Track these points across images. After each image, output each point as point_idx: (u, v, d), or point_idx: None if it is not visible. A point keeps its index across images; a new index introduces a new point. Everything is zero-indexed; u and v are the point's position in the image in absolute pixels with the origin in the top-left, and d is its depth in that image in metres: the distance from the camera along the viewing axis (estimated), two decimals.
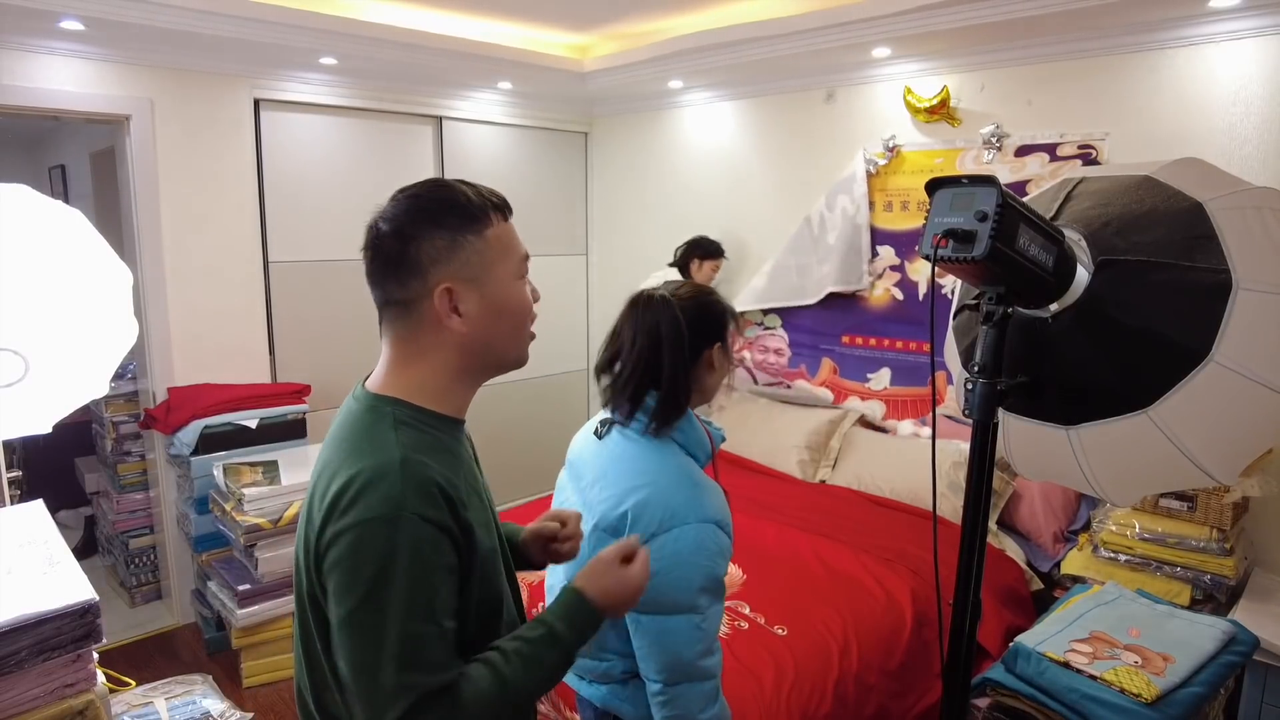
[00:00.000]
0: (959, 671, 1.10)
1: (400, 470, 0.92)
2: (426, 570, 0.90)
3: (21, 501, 1.67)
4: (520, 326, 1.06)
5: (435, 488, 0.93)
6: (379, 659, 0.88)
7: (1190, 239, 1.04)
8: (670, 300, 1.36)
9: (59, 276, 1.61)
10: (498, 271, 1.01)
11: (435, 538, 0.91)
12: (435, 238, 0.98)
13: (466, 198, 1.01)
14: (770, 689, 1.89)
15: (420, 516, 0.90)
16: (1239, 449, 1.07)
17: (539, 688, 1.01)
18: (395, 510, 0.90)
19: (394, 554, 0.89)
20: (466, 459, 1.07)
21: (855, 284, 3.43)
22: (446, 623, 0.92)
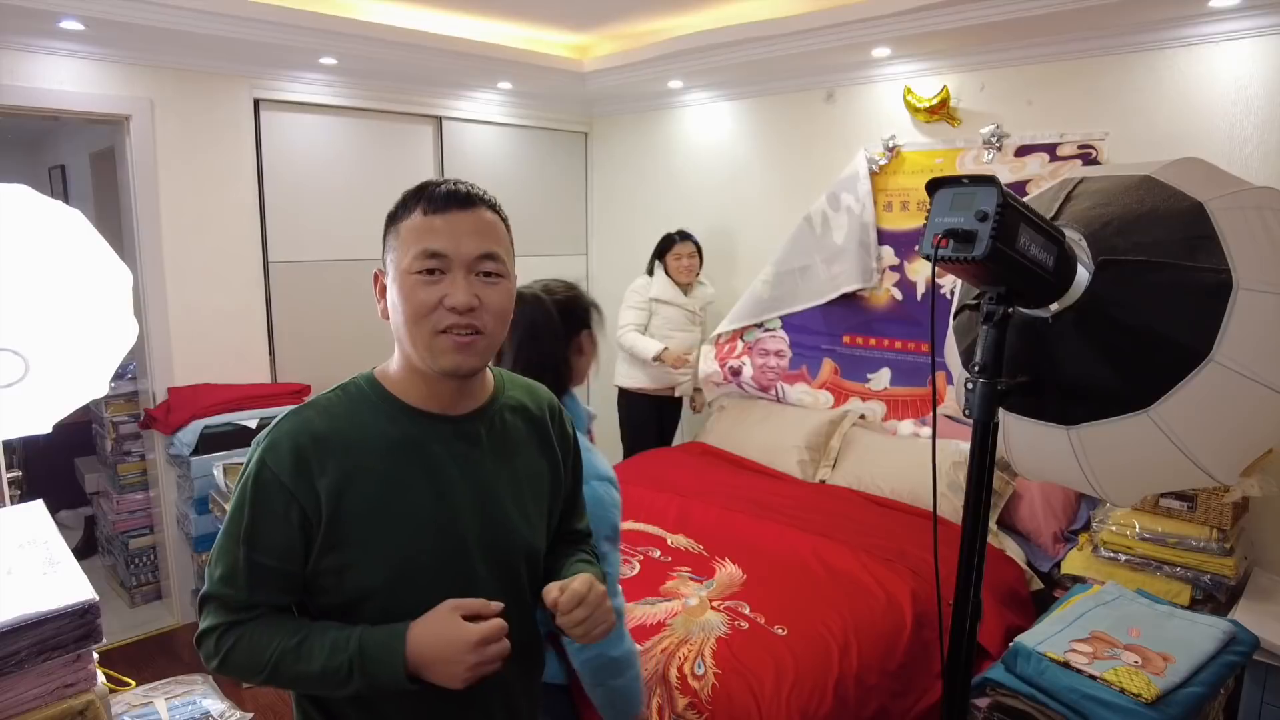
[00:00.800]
0: (959, 671, 1.10)
1: (285, 417, 1.06)
2: (246, 502, 1.02)
3: (21, 501, 1.67)
4: (410, 324, 1.02)
5: (290, 441, 1.02)
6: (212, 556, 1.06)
7: (1191, 239, 1.04)
8: (541, 296, 1.58)
9: (59, 276, 1.61)
10: (399, 263, 1.04)
11: (266, 479, 1.01)
12: (387, 225, 1.08)
13: (416, 189, 1.07)
14: (770, 689, 1.88)
15: (261, 458, 1.02)
16: (1239, 449, 1.07)
17: (303, 679, 1.01)
18: (258, 443, 1.05)
19: (242, 476, 1.04)
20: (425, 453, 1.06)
21: (869, 282, 3.43)
22: (259, 557, 1.02)
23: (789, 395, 3.71)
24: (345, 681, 0.99)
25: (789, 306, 3.66)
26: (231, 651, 1.02)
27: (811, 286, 3.57)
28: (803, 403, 3.66)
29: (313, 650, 1.00)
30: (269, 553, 1.02)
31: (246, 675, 1.03)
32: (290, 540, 1.02)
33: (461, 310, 1.00)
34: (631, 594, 2.29)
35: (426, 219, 1.02)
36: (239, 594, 1.02)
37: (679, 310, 3.74)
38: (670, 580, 2.37)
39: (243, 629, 1.02)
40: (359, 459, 1.03)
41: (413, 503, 1.05)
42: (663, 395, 3.81)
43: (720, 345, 3.90)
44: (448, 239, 1.01)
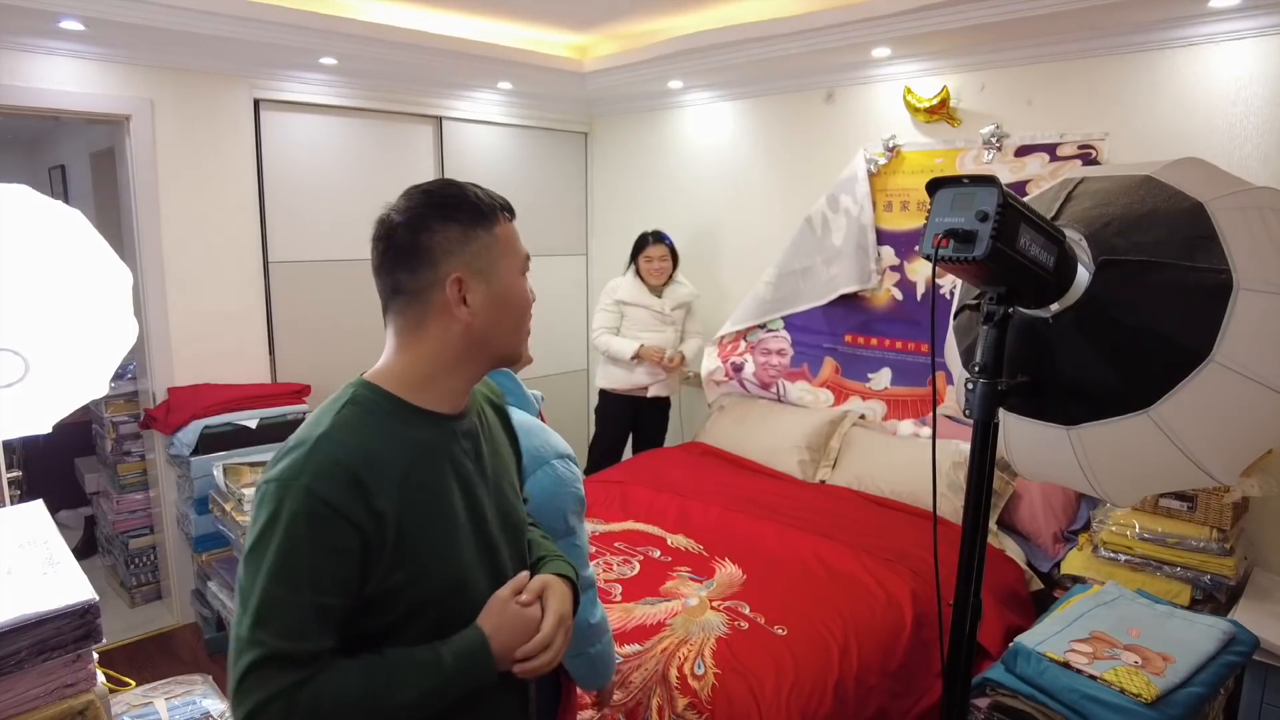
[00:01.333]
0: (959, 671, 1.10)
1: (313, 444, 0.97)
2: (303, 541, 0.93)
3: (21, 501, 1.67)
4: (521, 321, 1.10)
5: (340, 468, 0.95)
6: (243, 608, 0.93)
7: (1191, 239, 1.04)
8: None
9: (59, 276, 1.61)
10: (504, 266, 1.07)
11: (322, 514, 0.93)
12: (448, 230, 1.03)
13: (478, 196, 1.07)
14: (770, 689, 1.89)
15: (309, 490, 0.93)
16: (1239, 449, 1.07)
17: (402, 710, 0.96)
18: (291, 477, 0.95)
19: (279, 516, 0.93)
20: (449, 455, 1.07)
21: (867, 283, 3.43)
22: (324, 598, 0.93)
23: (790, 393, 3.71)
24: (442, 699, 0.99)
25: (791, 307, 3.66)
26: (314, 715, 0.91)
27: (813, 288, 3.58)
28: (803, 401, 3.67)
29: (404, 681, 0.96)
30: (335, 592, 0.94)
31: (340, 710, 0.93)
32: (351, 572, 0.95)
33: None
34: (631, 594, 2.29)
35: (512, 225, 1.11)
36: (307, 644, 0.92)
37: (646, 311, 3.75)
38: (670, 580, 2.37)
39: (315, 686, 0.92)
40: (404, 470, 1.01)
41: (452, 505, 1.05)
42: (636, 396, 3.80)
43: (723, 345, 3.91)
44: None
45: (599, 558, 2.52)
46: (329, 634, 0.95)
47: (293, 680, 0.90)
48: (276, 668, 0.90)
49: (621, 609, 2.21)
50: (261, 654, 0.90)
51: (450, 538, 1.05)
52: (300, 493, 0.94)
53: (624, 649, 2.06)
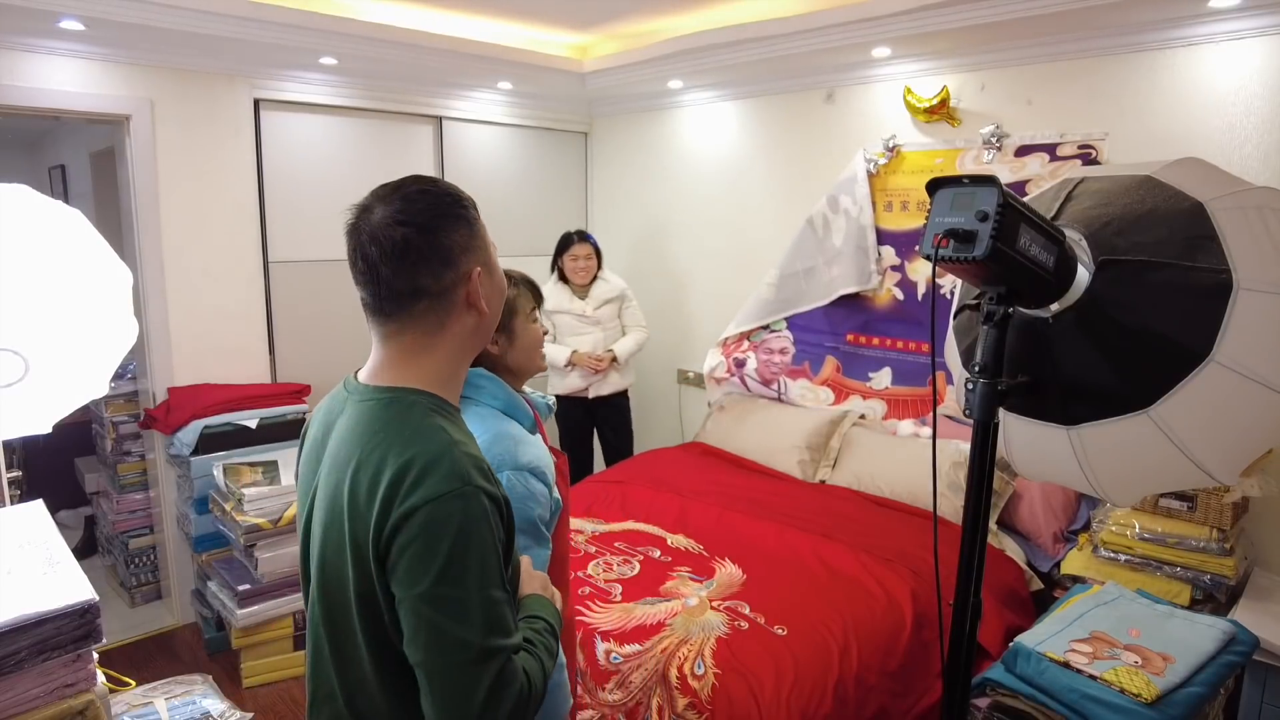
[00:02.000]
0: (959, 671, 1.10)
1: (454, 449, 0.96)
2: (492, 539, 0.94)
3: (21, 501, 1.67)
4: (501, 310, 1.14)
5: (484, 464, 0.99)
6: (465, 626, 0.91)
7: (1191, 239, 1.04)
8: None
9: (59, 276, 1.61)
10: (494, 256, 1.09)
11: (494, 510, 0.95)
12: (459, 228, 1.03)
13: (458, 189, 1.09)
14: (770, 689, 1.89)
15: (482, 490, 0.94)
16: (1239, 449, 1.07)
17: (549, 673, 1.03)
18: (462, 484, 0.93)
19: (467, 525, 0.92)
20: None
21: (866, 284, 3.43)
22: (508, 592, 0.98)
23: (791, 390, 3.71)
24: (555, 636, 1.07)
25: (794, 308, 3.67)
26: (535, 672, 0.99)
27: (815, 288, 3.58)
28: (804, 399, 3.67)
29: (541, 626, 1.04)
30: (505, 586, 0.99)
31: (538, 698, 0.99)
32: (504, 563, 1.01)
33: None
34: (631, 594, 2.29)
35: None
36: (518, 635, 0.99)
37: (570, 316, 3.73)
38: (670, 580, 2.37)
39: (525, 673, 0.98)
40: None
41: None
42: (580, 397, 3.79)
43: (726, 345, 3.91)
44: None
45: (599, 558, 2.52)
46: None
47: (521, 676, 0.95)
48: (514, 663, 0.94)
49: (621, 609, 2.21)
50: (506, 659, 0.93)
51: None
52: (477, 495, 0.94)
53: (624, 649, 2.06)
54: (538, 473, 1.40)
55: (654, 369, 4.49)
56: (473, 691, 0.90)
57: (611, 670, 2.03)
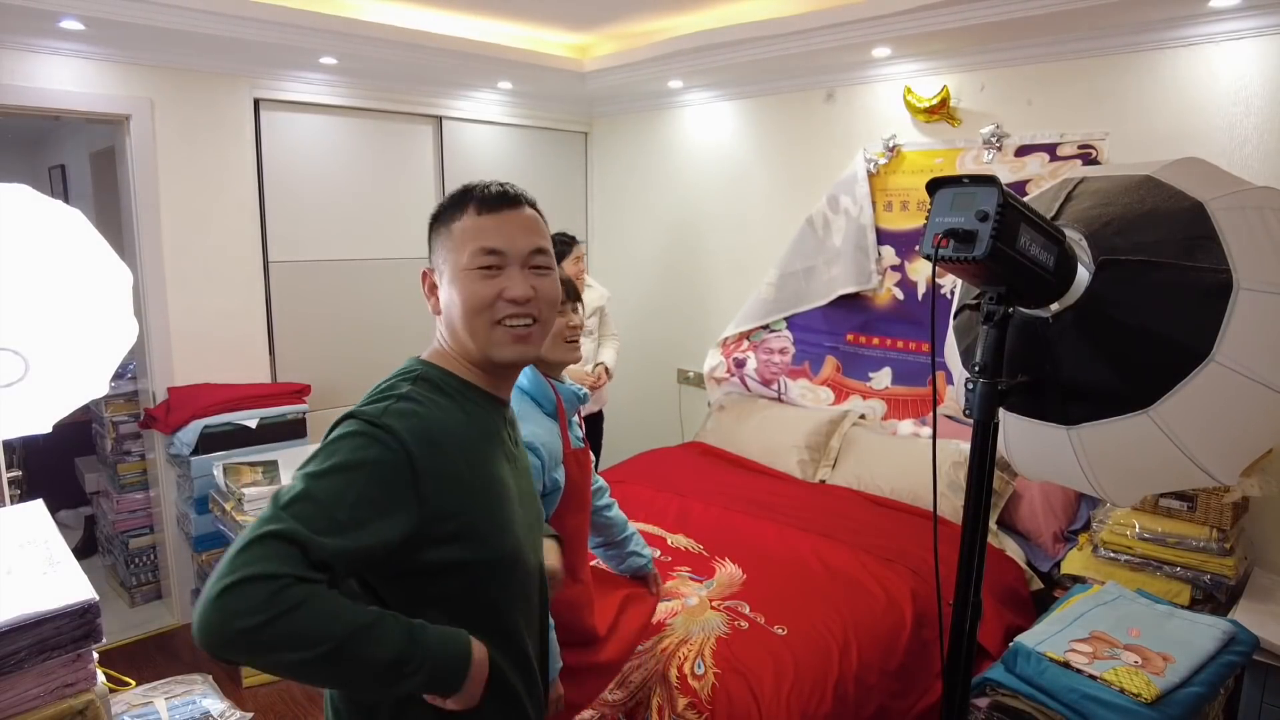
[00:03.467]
0: (959, 671, 1.10)
1: (398, 398, 1.02)
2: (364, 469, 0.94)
3: (21, 501, 1.67)
4: (469, 318, 1.07)
5: (421, 426, 0.99)
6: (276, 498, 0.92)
7: (1191, 239, 1.04)
8: None
9: (59, 276, 1.61)
10: (453, 261, 1.09)
11: (394, 459, 0.95)
12: (433, 227, 1.13)
13: (461, 191, 1.12)
14: (770, 689, 1.89)
15: (392, 430, 0.96)
16: (1239, 449, 1.07)
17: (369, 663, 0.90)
18: (376, 415, 0.98)
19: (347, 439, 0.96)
20: (497, 438, 1.13)
21: (866, 284, 3.42)
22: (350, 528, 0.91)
23: (791, 390, 3.71)
24: (408, 676, 0.92)
25: (794, 308, 3.66)
26: (293, 612, 0.83)
27: (815, 288, 3.58)
28: (804, 399, 3.67)
29: (389, 634, 0.91)
30: (364, 533, 0.92)
31: (299, 645, 0.84)
32: (389, 527, 0.94)
33: (521, 301, 1.08)
34: None
35: (481, 219, 1.09)
36: (321, 551, 0.87)
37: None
38: (670, 580, 2.37)
39: (311, 589, 0.86)
40: (467, 448, 1.06)
41: (504, 484, 1.11)
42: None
43: (726, 345, 3.91)
44: (504, 237, 1.08)
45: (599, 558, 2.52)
46: (343, 560, 0.91)
47: (293, 573, 0.85)
48: (287, 553, 0.86)
49: None
50: (278, 529, 0.86)
51: (505, 509, 1.09)
52: (382, 432, 0.96)
53: None
54: (532, 447, 1.54)
55: (654, 369, 4.49)
56: (237, 541, 0.87)
57: None
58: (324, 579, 0.89)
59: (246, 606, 0.83)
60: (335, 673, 0.90)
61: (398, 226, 3.88)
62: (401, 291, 3.85)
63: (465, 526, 1.03)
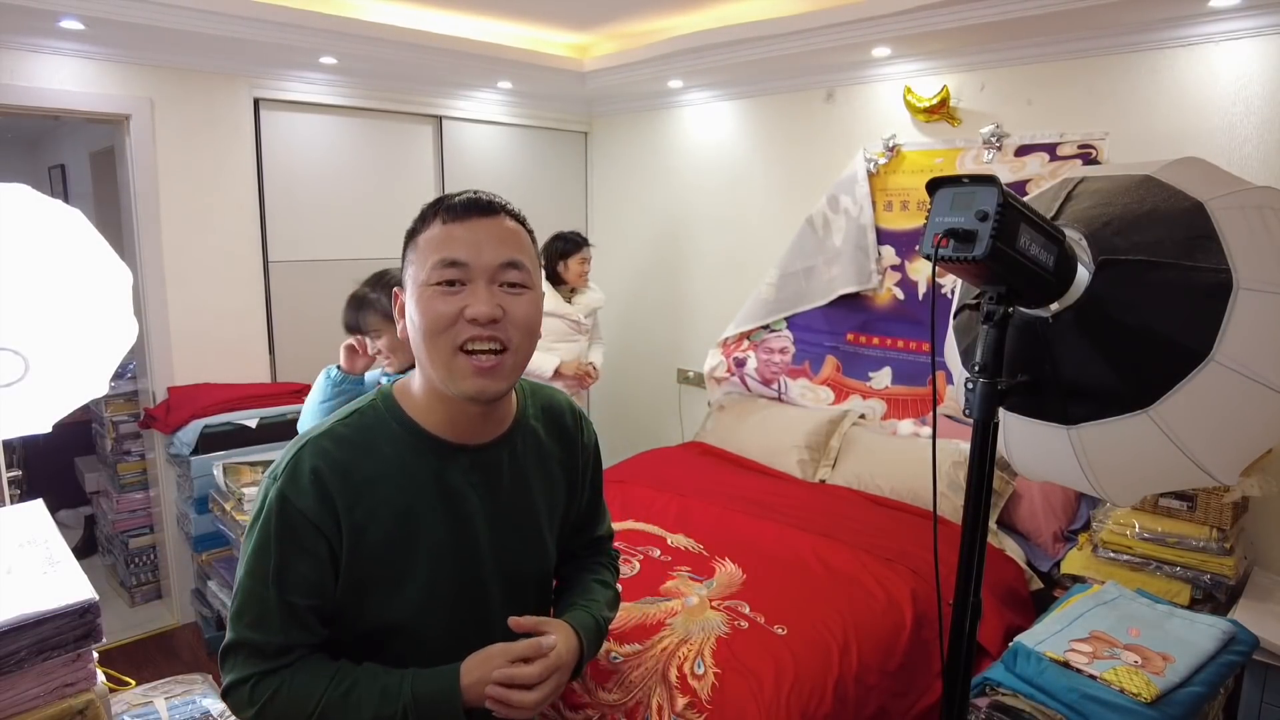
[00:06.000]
0: (959, 671, 1.10)
1: (300, 448, 0.99)
2: (272, 540, 0.96)
3: (21, 501, 1.67)
4: (427, 340, 0.96)
5: (311, 477, 0.96)
6: (232, 594, 1.00)
7: (1191, 238, 1.04)
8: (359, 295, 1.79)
9: (59, 276, 1.61)
10: (413, 275, 1.00)
11: (293, 517, 0.96)
12: (407, 242, 1.05)
13: (435, 201, 1.03)
14: (770, 689, 1.88)
15: (282, 494, 0.96)
16: (1239, 449, 1.07)
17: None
18: (273, 479, 0.98)
19: (259, 514, 0.98)
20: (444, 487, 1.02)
21: (866, 284, 3.42)
22: (290, 597, 0.96)
23: (791, 390, 3.71)
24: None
25: (794, 308, 3.66)
26: (270, 703, 0.95)
27: (815, 288, 3.58)
28: (804, 398, 3.67)
29: (362, 699, 0.94)
30: (300, 591, 0.96)
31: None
32: (321, 575, 0.96)
33: (483, 321, 0.94)
34: (631, 594, 2.29)
35: (446, 228, 0.98)
36: (273, 637, 0.96)
37: (562, 321, 3.52)
38: (670, 580, 2.37)
39: (279, 677, 0.96)
40: (379, 492, 0.98)
41: (433, 535, 1.01)
42: None
43: (726, 345, 3.91)
44: (467, 247, 0.95)
45: None
46: (300, 631, 0.97)
47: (260, 669, 0.96)
48: (246, 655, 0.97)
49: (621, 608, 2.21)
50: (235, 639, 0.98)
51: (418, 564, 1.00)
52: (275, 494, 0.96)
53: (624, 648, 2.06)
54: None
55: (654, 369, 4.49)
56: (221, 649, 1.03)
57: (611, 669, 2.03)
58: (292, 658, 0.98)
59: (237, 705, 0.98)
60: None
61: (398, 226, 3.83)
62: None
63: (354, 581, 0.99)
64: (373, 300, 1.89)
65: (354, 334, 1.99)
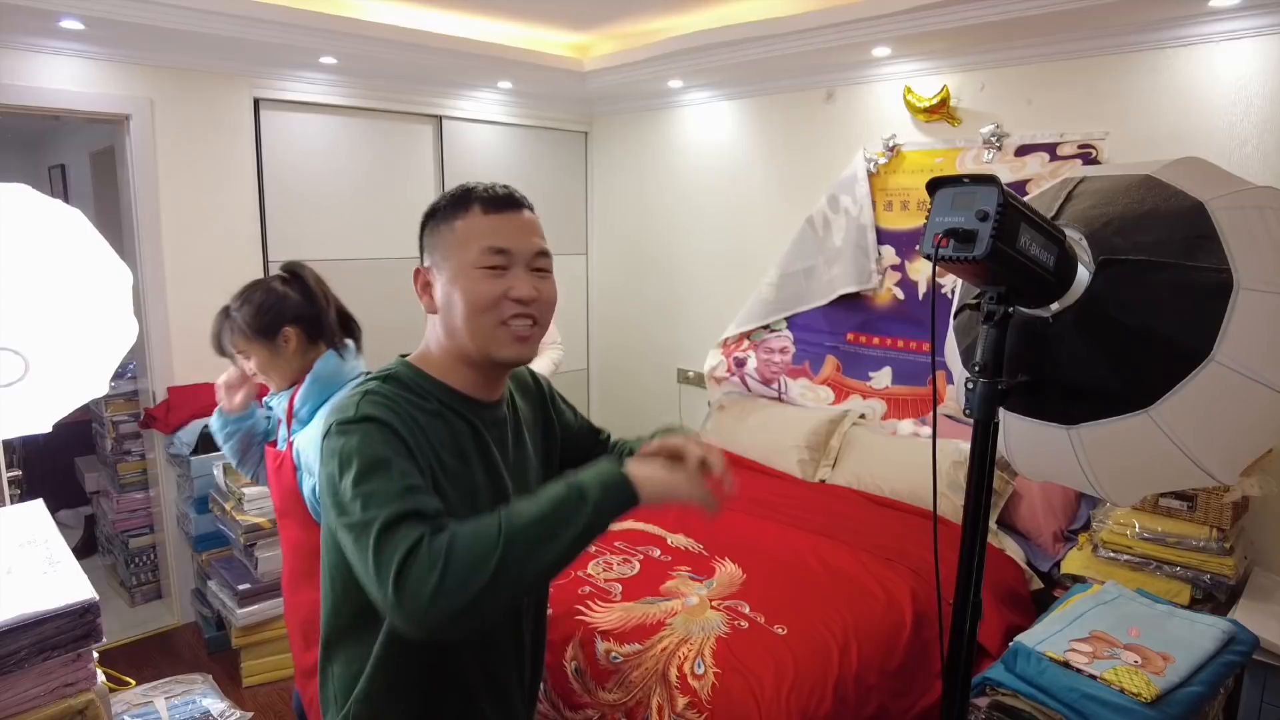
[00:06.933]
0: (959, 671, 1.10)
1: (362, 395, 1.04)
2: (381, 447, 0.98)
3: (21, 501, 1.67)
4: (473, 316, 1.07)
5: (384, 407, 1.01)
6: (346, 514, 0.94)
7: (1191, 238, 1.04)
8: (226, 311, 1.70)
9: (59, 276, 1.61)
10: (457, 258, 1.08)
11: (389, 432, 0.99)
12: (428, 225, 1.13)
13: (461, 191, 1.11)
14: (770, 689, 1.89)
15: (373, 418, 1.00)
16: (1239, 449, 1.07)
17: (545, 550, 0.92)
18: (354, 417, 1.00)
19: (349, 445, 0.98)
20: (468, 437, 1.11)
21: (866, 283, 3.42)
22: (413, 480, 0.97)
23: (791, 389, 3.71)
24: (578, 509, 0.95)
25: (794, 308, 3.66)
26: (453, 547, 0.89)
27: (815, 288, 3.58)
28: (804, 398, 3.67)
29: (537, 498, 0.95)
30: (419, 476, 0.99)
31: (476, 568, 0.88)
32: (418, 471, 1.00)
33: (526, 301, 1.07)
34: (631, 593, 2.29)
35: (489, 218, 1.09)
36: (423, 503, 0.94)
37: None
38: (670, 580, 2.37)
39: (447, 531, 0.92)
40: (437, 432, 1.06)
41: (477, 478, 1.10)
42: None
43: (726, 346, 3.91)
44: (511, 237, 1.08)
45: (599, 557, 2.52)
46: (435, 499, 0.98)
47: (423, 529, 0.91)
48: (403, 525, 0.91)
49: (621, 608, 2.21)
50: (385, 519, 0.91)
51: (458, 511, 1.05)
52: (360, 420, 1.00)
53: (624, 648, 2.06)
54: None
55: (654, 369, 4.49)
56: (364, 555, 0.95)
57: (611, 669, 2.03)
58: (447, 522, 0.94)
59: (419, 570, 0.87)
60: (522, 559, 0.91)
61: (398, 226, 3.88)
62: (401, 291, 3.82)
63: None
64: (233, 317, 1.72)
65: (223, 356, 1.85)
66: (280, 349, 1.65)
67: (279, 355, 1.66)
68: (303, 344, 1.67)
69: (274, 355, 1.66)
